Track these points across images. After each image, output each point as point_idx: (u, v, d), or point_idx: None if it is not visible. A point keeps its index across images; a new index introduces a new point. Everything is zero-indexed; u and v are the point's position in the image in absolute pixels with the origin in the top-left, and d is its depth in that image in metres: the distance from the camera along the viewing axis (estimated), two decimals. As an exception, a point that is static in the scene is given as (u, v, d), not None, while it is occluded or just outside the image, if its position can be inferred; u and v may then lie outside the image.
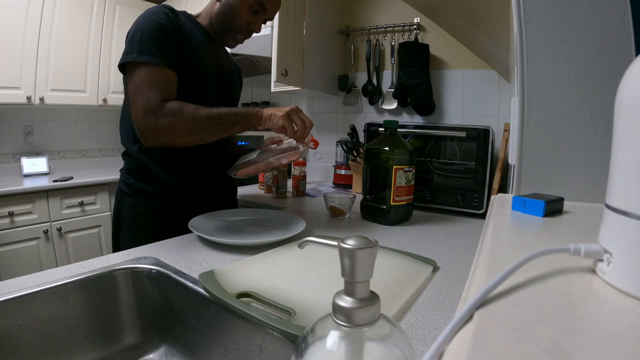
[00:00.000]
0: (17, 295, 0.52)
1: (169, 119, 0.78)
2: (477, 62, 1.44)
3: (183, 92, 0.86)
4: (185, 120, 0.79)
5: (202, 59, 0.90)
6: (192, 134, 0.81)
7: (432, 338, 0.45)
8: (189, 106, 0.80)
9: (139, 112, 0.79)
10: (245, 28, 0.93)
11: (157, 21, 0.81)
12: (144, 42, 0.79)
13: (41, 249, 1.87)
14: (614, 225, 0.24)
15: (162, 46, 0.80)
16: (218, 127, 0.82)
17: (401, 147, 0.99)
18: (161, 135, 0.80)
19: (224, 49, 1.05)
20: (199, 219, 0.87)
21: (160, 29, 0.81)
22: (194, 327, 0.58)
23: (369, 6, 1.75)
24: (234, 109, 0.84)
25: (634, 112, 0.23)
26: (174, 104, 0.79)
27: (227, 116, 0.82)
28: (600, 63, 0.49)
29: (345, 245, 0.26)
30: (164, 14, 0.83)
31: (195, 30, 0.92)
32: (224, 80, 0.99)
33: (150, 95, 0.78)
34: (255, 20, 0.93)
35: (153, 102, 0.78)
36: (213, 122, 0.81)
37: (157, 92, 0.79)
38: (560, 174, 0.52)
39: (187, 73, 0.86)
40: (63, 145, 2.44)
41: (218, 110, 0.81)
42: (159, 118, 0.78)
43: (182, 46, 0.85)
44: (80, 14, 2.17)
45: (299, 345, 0.27)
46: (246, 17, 0.91)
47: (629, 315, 0.20)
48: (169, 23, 0.82)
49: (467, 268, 0.65)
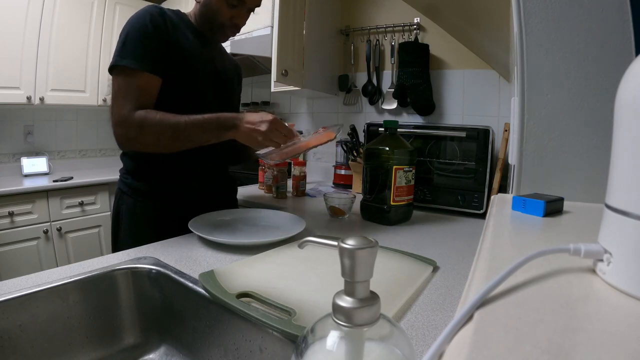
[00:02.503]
0: (17, 295, 0.52)
1: (135, 131, 0.78)
2: (477, 62, 1.44)
3: (175, 95, 0.85)
4: (151, 133, 0.78)
5: (193, 59, 0.89)
6: (159, 146, 0.81)
7: (432, 338, 0.45)
8: (155, 117, 0.78)
9: (113, 119, 0.79)
10: (230, 23, 0.91)
11: (142, 23, 0.80)
12: (127, 45, 0.79)
13: (41, 249, 1.87)
14: (614, 225, 0.24)
15: (145, 50, 0.80)
16: (185, 142, 0.81)
17: (401, 147, 0.99)
18: (130, 145, 0.81)
19: (219, 48, 1.03)
20: (199, 219, 0.87)
21: (144, 32, 0.80)
22: (194, 327, 0.58)
23: (369, 6, 1.75)
24: (206, 121, 0.80)
25: (634, 112, 0.23)
26: (141, 114, 0.78)
27: (195, 133, 0.80)
28: (600, 63, 0.49)
29: (345, 245, 0.26)
30: (150, 16, 0.82)
31: (187, 30, 0.90)
32: (219, 80, 0.97)
33: (123, 103, 0.78)
34: (237, 13, 0.91)
35: (124, 112, 0.78)
36: (178, 138, 0.80)
37: (129, 101, 0.78)
38: (560, 174, 0.52)
39: (176, 75, 0.85)
40: (63, 145, 2.44)
41: (186, 124, 0.79)
42: (128, 129, 0.78)
43: (170, 48, 0.83)
44: (80, 14, 2.17)
45: (299, 345, 0.27)
46: (227, 12, 0.89)
47: (629, 315, 0.20)
48: (154, 25, 0.81)
49: (467, 268, 0.65)
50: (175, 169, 0.92)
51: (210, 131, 0.81)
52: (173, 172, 0.92)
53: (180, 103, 0.83)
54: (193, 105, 0.83)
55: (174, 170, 0.92)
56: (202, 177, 0.98)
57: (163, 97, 0.84)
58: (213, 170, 1.00)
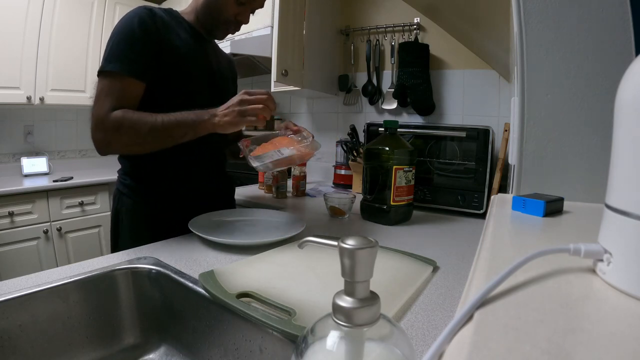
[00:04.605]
0: (17, 295, 0.53)
1: (112, 132, 0.76)
2: (477, 62, 1.44)
3: (170, 95, 0.85)
4: (127, 132, 0.77)
5: (186, 59, 0.88)
6: (136, 146, 0.79)
7: (432, 338, 0.45)
8: (132, 116, 0.77)
9: (92, 123, 0.78)
10: (233, 20, 0.91)
11: (129, 28, 0.79)
12: (112, 49, 0.79)
13: (41, 249, 1.86)
14: (614, 225, 0.24)
15: (131, 54, 0.79)
16: (164, 139, 0.79)
17: (401, 147, 0.99)
18: (109, 148, 0.79)
19: (213, 45, 1.02)
20: (199, 219, 0.87)
21: (131, 36, 0.79)
22: (194, 327, 0.58)
23: (369, 6, 1.75)
24: (183, 117, 0.79)
25: (634, 112, 0.23)
26: (118, 114, 0.76)
27: (172, 128, 0.78)
28: (600, 63, 0.49)
29: (345, 245, 0.26)
30: (139, 18, 0.80)
31: (179, 28, 0.89)
32: (213, 79, 0.96)
33: (101, 105, 0.77)
34: (243, 11, 0.91)
35: (102, 113, 0.76)
36: (156, 135, 0.78)
37: (108, 102, 0.77)
38: (560, 174, 0.52)
39: (170, 75, 0.84)
40: (63, 145, 2.45)
41: (163, 121, 0.77)
42: (106, 131, 0.77)
43: (162, 48, 0.82)
44: (80, 14, 2.17)
45: (299, 345, 0.27)
46: (233, 8, 0.89)
47: (629, 315, 0.20)
48: (142, 28, 0.80)
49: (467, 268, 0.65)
50: (173, 170, 0.92)
51: (187, 124, 0.79)
52: (171, 173, 0.92)
53: (175, 102, 0.82)
54: (188, 105, 0.82)
55: (172, 171, 0.92)
56: (200, 177, 0.97)
57: (158, 97, 0.83)
58: (210, 170, 1.00)
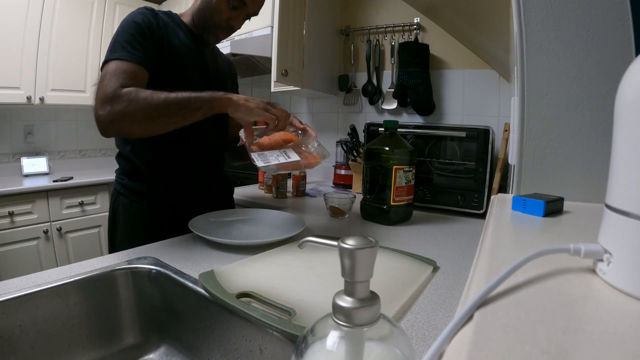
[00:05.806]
0: (17, 295, 0.52)
1: (123, 104, 0.72)
2: (477, 62, 1.44)
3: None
4: (140, 105, 0.72)
5: (184, 58, 0.88)
6: (147, 121, 0.75)
7: (432, 338, 0.45)
8: (145, 91, 0.74)
9: (97, 102, 0.74)
10: (225, 24, 0.91)
11: (133, 21, 0.81)
12: (118, 41, 0.79)
13: (41, 249, 1.86)
14: (614, 225, 0.24)
15: (136, 44, 0.79)
16: (177, 112, 0.76)
17: (401, 147, 0.99)
18: (116, 123, 0.73)
19: (211, 47, 1.03)
20: (199, 219, 0.87)
21: (135, 28, 0.80)
22: (194, 327, 0.58)
23: (369, 6, 1.75)
24: (196, 93, 0.77)
25: (634, 112, 0.23)
26: (130, 89, 0.73)
27: (187, 101, 0.75)
28: (600, 63, 0.49)
29: (345, 245, 0.26)
30: (142, 15, 0.83)
31: (178, 30, 0.90)
32: (209, 81, 0.97)
33: (109, 83, 0.74)
34: (235, 16, 0.91)
35: (110, 89, 0.73)
36: (170, 107, 0.74)
37: (116, 80, 0.74)
38: (560, 174, 0.52)
39: (168, 73, 0.85)
40: (63, 145, 2.44)
41: (177, 95, 0.75)
42: (114, 105, 0.72)
43: (161, 46, 0.83)
44: (80, 14, 2.17)
45: (299, 345, 0.27)
46: (226, 12, 0.89)
47: (629, 315, 0.20)
48: (146, 23, 0.82)
49: (467, 268, 0.65)
50: (171, 169, 0.92)
51: (203, 98, 0.77)
52: (168, 173, 0.92)
53: None
54: None
55: (169, 171, 0.92)
56: (198, 177, 0.97)
57: None
58: (209, 170, 1.00)
